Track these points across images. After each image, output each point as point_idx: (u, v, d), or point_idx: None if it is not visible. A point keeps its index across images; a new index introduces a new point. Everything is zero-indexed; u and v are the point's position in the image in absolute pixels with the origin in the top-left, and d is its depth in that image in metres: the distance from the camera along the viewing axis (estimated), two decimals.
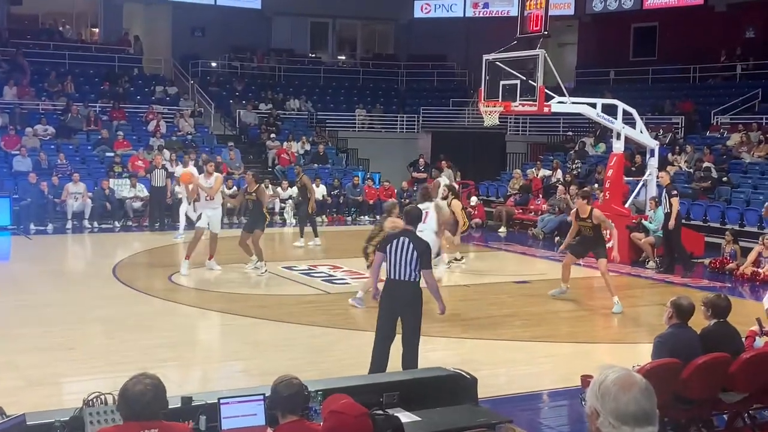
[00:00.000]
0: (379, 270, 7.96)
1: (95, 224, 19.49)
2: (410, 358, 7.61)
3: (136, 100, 26.56)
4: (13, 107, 23.69)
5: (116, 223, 19.86)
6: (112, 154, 22.15)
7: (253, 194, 14.11)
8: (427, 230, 12.88)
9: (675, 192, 15.01)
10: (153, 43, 30.41)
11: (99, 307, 11.78)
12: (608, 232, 12.54)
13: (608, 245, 12.27)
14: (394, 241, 7.60)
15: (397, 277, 7.57)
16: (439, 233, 13.06)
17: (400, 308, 7.62)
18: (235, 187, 21.44)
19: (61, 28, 30.78)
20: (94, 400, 4.73)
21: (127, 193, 20.37)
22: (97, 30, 31.55)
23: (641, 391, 2.31)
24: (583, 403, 2.49)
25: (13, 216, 18.84)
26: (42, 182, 19.50)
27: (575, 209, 12.36)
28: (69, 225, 19.32)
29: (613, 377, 2.34)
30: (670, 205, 14.85)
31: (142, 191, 20.35)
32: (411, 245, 7.51)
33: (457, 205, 14.41)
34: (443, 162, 22.89)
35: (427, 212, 13.02)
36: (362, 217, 22.53)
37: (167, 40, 30.58)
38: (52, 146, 22.23)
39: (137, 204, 20.23)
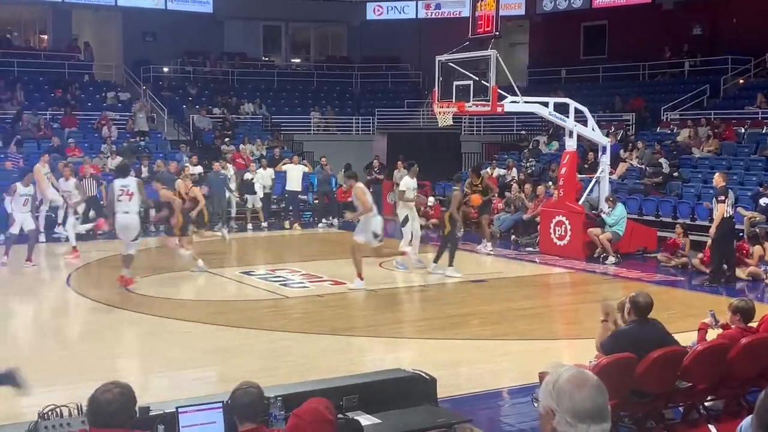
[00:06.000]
0: None
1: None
2: None
3: (88, 107, 26.20)
4: None
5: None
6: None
7: None
8: (131, 212, 12.60)
9: (723, 197, 13.38)
10: (103, 49, 30.03)
11: (53, 317, 11.63)
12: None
13: None
14: None
15: None
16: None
17: None
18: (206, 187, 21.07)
19: (8, 36, 30.25)
20: (50, 412, 4.67)
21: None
22: (46, 37, 31.08)
23: (594, 388, 2.35)
24: (536, 403, 2.52)
25: None
26: None
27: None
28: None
29: (566, 376, 2.38)
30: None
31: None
32: None
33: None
34: (399, 162, 22.84)
35: (131, 192, 12.60)
36: (323, 219, 22.13)
37: (118, 46, 30.22)
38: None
39: (91, 213, 19.78)
